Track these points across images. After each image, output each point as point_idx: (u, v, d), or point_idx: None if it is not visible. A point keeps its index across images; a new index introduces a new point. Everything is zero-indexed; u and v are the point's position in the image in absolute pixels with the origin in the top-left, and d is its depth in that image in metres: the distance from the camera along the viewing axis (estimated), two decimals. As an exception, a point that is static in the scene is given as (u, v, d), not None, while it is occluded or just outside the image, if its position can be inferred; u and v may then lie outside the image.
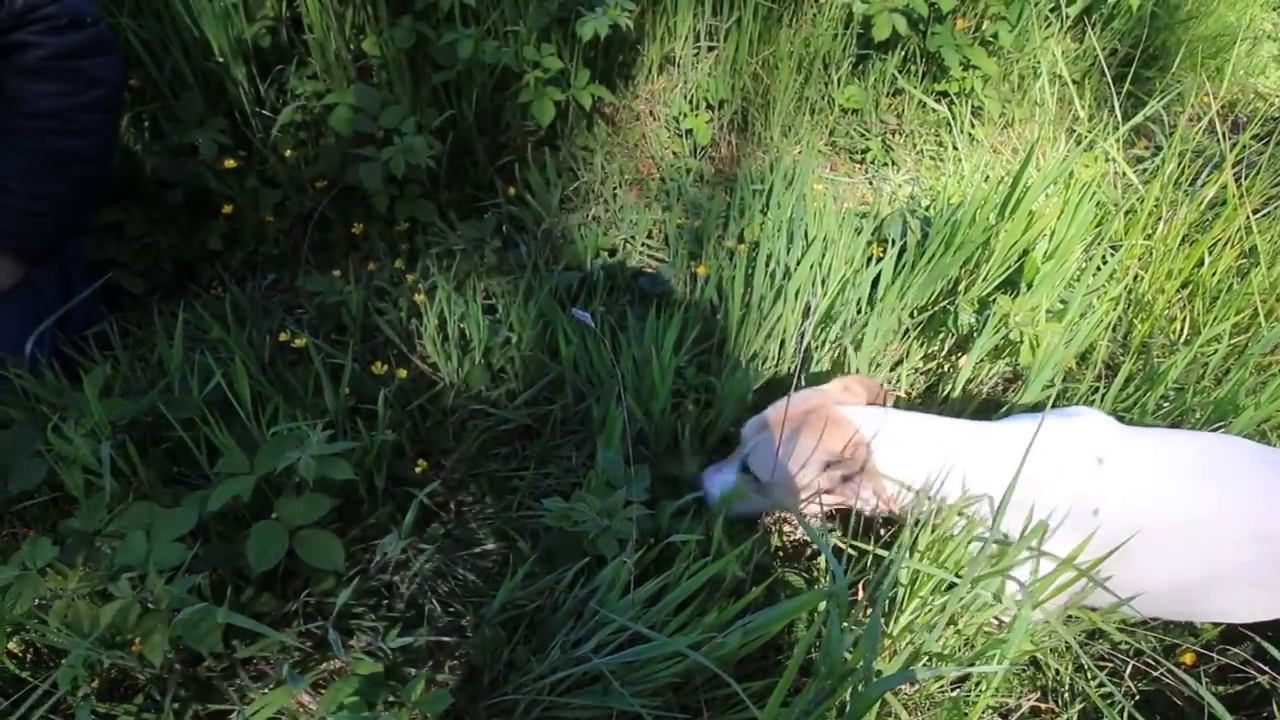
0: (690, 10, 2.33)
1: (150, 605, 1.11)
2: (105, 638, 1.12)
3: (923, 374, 1.92)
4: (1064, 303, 1.88)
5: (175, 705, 1.21)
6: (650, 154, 2.39)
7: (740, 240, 2.06)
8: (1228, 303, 1.99)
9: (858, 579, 1.43)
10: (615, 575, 1.25)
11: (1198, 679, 1.24)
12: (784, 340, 1.82)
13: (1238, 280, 2.08)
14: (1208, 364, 1.89)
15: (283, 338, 1.72)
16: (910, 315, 1.89)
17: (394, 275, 1.95)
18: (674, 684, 1.28)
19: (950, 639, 1.35)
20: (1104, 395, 1.73)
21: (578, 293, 1.95)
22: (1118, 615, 1.38)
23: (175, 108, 1.96)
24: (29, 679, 1.17)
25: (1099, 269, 2.02)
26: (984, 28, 2.56)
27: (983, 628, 1.36)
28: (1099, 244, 2.16)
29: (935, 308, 1.88)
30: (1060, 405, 1.72)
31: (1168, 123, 2.77)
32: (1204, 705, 1.13)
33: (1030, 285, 1.88)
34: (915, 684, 1.41)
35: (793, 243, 1.88)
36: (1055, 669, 1.48)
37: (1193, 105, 2.71)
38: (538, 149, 2.22)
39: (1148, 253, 2.16)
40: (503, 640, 1.33)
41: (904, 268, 1.84)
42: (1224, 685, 1.47)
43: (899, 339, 1.92)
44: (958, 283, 1.94)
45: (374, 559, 1.46)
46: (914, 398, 1.89)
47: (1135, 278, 2.13)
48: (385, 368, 1.69)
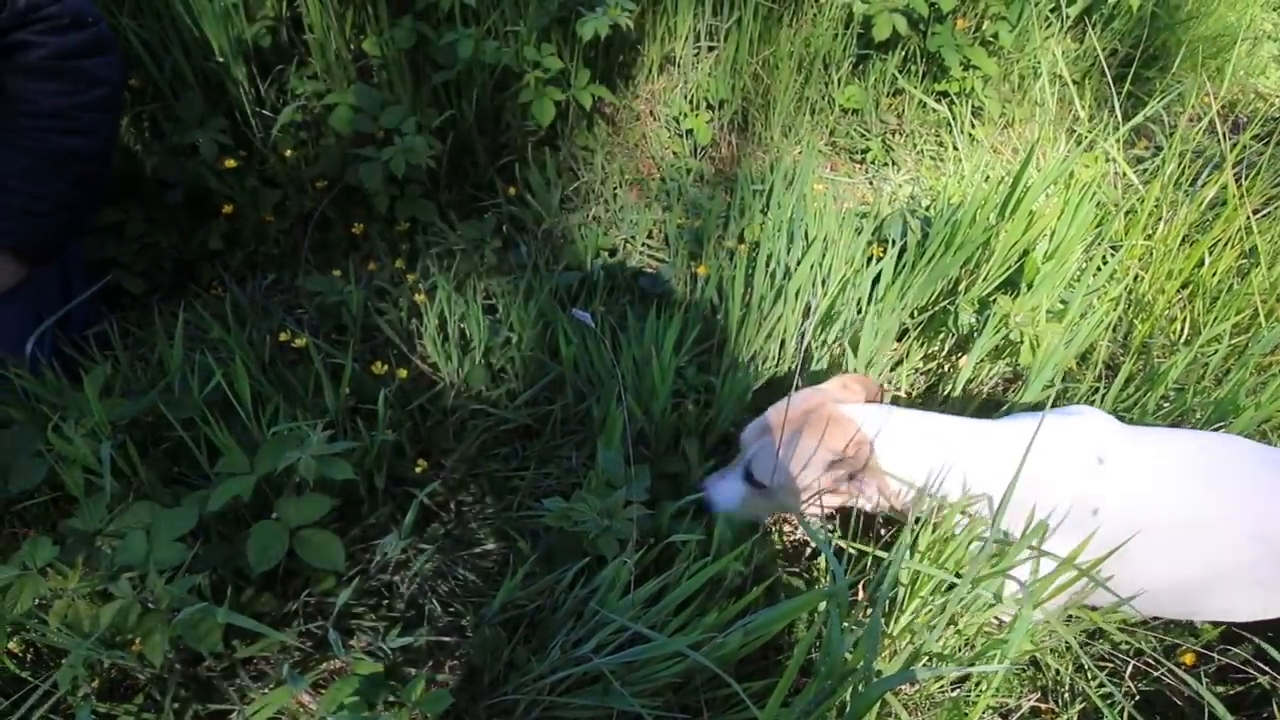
0: (690, 10, 2.33)
1: (150, 605, 1.11)
2: (105, 638, 1.12)
3: (923, 374, 1.92)
4: (1064, 303, 1.88)
5: (175, 705, 1.21)
6: (650, 154, 2.39)
7: (740, 240, 2.06)
8: (1228, 303, 1.99)
9: (858, 579, 1.43)
10: (615, 575, 1.25)
11: (1198, 679, 1.24)
12: (784, 340, 1.82)
13: (1238, 280, 2.08)
14: (1208, 364, 1.89)
15: (283, 338, 1.72)
16: (910, 315, 1.89)
17: (394, 275, 1.95)
18: (674, 684, 1.28)
19: (950, 639, 1.35)
20: (1104, 395, 1.73)
21: (578, 293, 1.95)
22: (1118, 615, 1.38)
23: (175, 108, 1.96)
24: (29, 679, 1.17)
25: (1099, 269, 2.02)
26: (984, 28, 2.56)
27: (983, 628, 1.36)
28: (1099, 244, 2.16)
29: (935, 308, 1.88)
30: (1060, 405, 1.72)
31: (1168, 123, 2.77)
32: (1204, 705, 1.13)
33: (1030, 285, 1.88)
34: (915, 684, 1.42)
35: (793, 243, 1.88)
36: (1055, 669, 1.48)
37: (1193, 105, 2.71)
38: (538, 149, 2.22)
39: (1148, 253, 2.16)
40: (503, 640, 1.33)
41: (904, 268, 1.84)
42: (1224, 686, 1.47)
43: (899, 339, 1.92)
44: (958, 283, 1.94)
45: (374, 559, 1.46)
46: (914, 398, 1.89)
47: (1135, 278, 2.13)
48: (385, 368, 1.69)
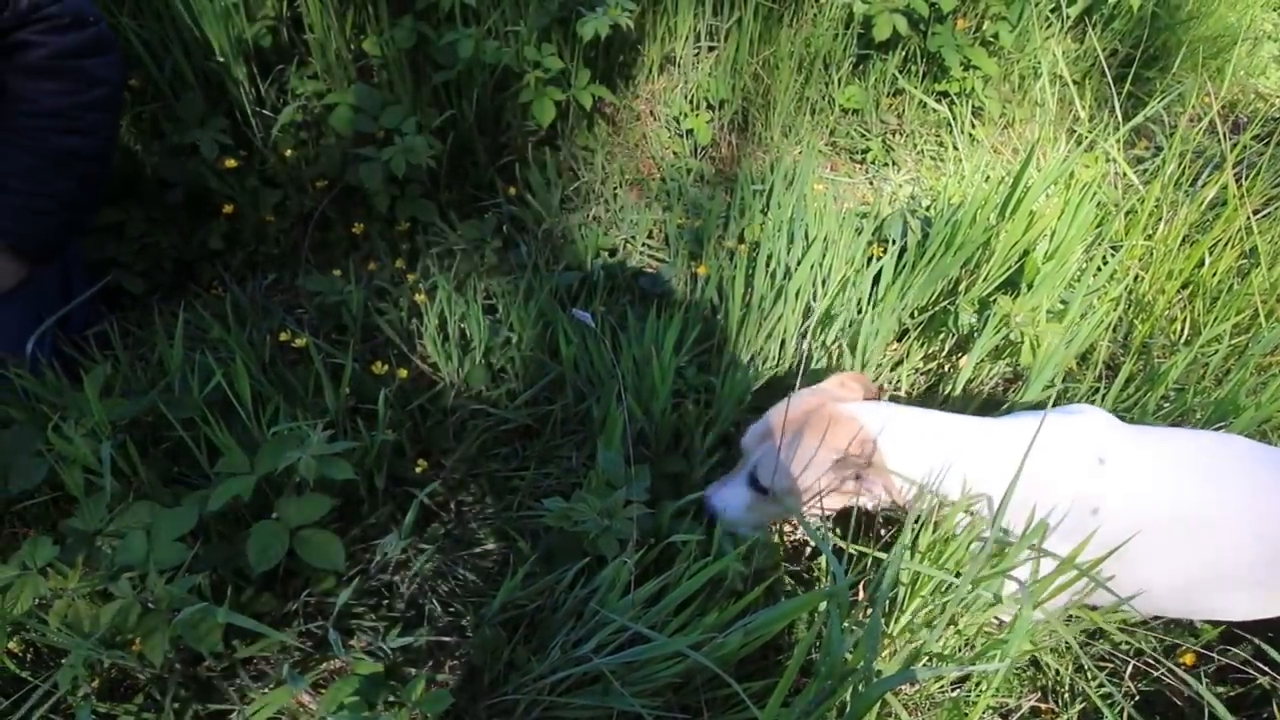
0: (691, 10, 2.33)
1: (150, 605, 1.11)
2: (105, 637, 1.12)
3: (923, 374, 1.92)
4: (1064, 303, 1.88)
5: (175, 705, 1.21)
6: (651, 154, 2.39)
7: (740, 240, 2.06)
8: (1228, 303, 1.99)
9: (858, 579, 1.42)
10: (616, 575, 1.25)
11: (1198, 679, 1.23)
12: (784, 340, 1.82)
13: (1238, 281, 2.08)
14: (1208, 364, 1.89)
15: (283, 337, 1.72)
16: (911, 315, 1.89)
17: (394, 275, 1.95)
18: (674, 684, 1.28)
19: (950, 639, 1.35)
20: (1104, 396, 1.73)
21: (578, 293, 1.95)
22: (1118, 615, 1.38)
23: (176, 107, 1.96)
24: (29, 679, 1.17)
25: (1099, 269, 2.02)
26: (984, 28, 2.56)
27: (983, 628, 1.36)
28: (1099, 244, 2.16)
29: (936, 308, 1.88)
30: (1061, 405, 1.72)
31: (1168, 123, 2.77)
32: (1204, 706, 1.13)
33: (1031, 285, 1.88)
34: (915, 684, 1.41)
35: (793, 243, 1.88)
36: (1055, 669, 1.48)
37: (1193, 106, 2.71)
38: (538, 149, 2.22)
39: (1148, 253, 2.16)
40: (503, 640, 1.33)
41: (904, 268, 1.84)
42: (1224, 686, 1.47)
43: (899, 339, 1.92)
44: (958, 283, 1.94)
45: (374, 559, 1.46)
46: (914, 398, 1.89)
47: (1136, 278, 2.13)
48: (385, 368, 1.69)
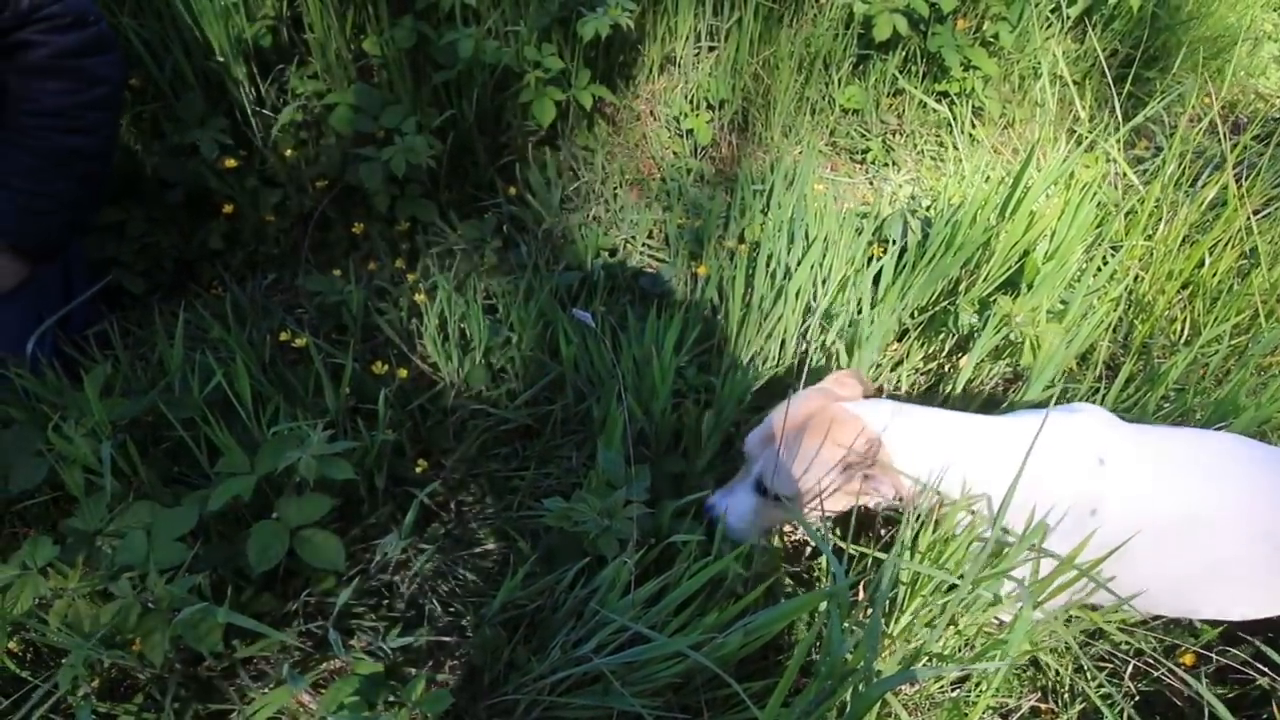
0: (691, 10, 2.33)
1: (150, 605, 1.12)
2: (105, 637, 1.12)
3: (923, 374, 1.92)
4: (1064, 303, 1.88)
5: (175, 705, 1.21)
6: (651, 154, 2.39)
7: (741, 240, 2.06)
8: (1228, 303, 1.99)
9: (858, 579, 1.42)
10: (616, 575, 1.25)
11: (1198, 679, 1.24)
12: (784, 340, 1.82)
13: (1238, 281, 2.08)
14: (1208, 365, 1.89)
15: (283, 337, 1.72)
16: (911, 315, 1.89)
17: (394, 275, 1.95)
18: (674, 684, 1.28)
19: (950, 639, 1.35)
20: (1105, 396, 1.73)
21: (578, 293, 1.95)
22: (1118, 615, 1.38)
23: (176, 107, 1.96)
24: (29, 679, 1.17)
25: (1099, 270, 2.02)
26: (985, 28, 2.56)
27: (983, 628, 1.36)
28: (1099, 245, 2.16)
29: (936, 308, 1.88)
30: (1061, 404, 1.72)
31: (1168, 123, 2.77)
32: (1203, 706, 1.13)
33: (1031, 286, 1.88)
34: (915, 684, 1.41)
35: (793, 243, 1.88)
36: (1055, 669, 1.48)
37: (1193, 106, 2.71)
38: (538, 149, 2.22)
39: (1148, 253, 2.16)
40: (503, 640, 1.33)
41: (904, 268, 1.84)
42: (1224, 687, 1.47)
43: (900, 339, 1.92)
44: (958, 283, 1.94)
45: (374, 559, 1.46)
46: (914, 398, 1.89)
47: (1136, 278, 2.13)
48: (386, 367, 1.69)
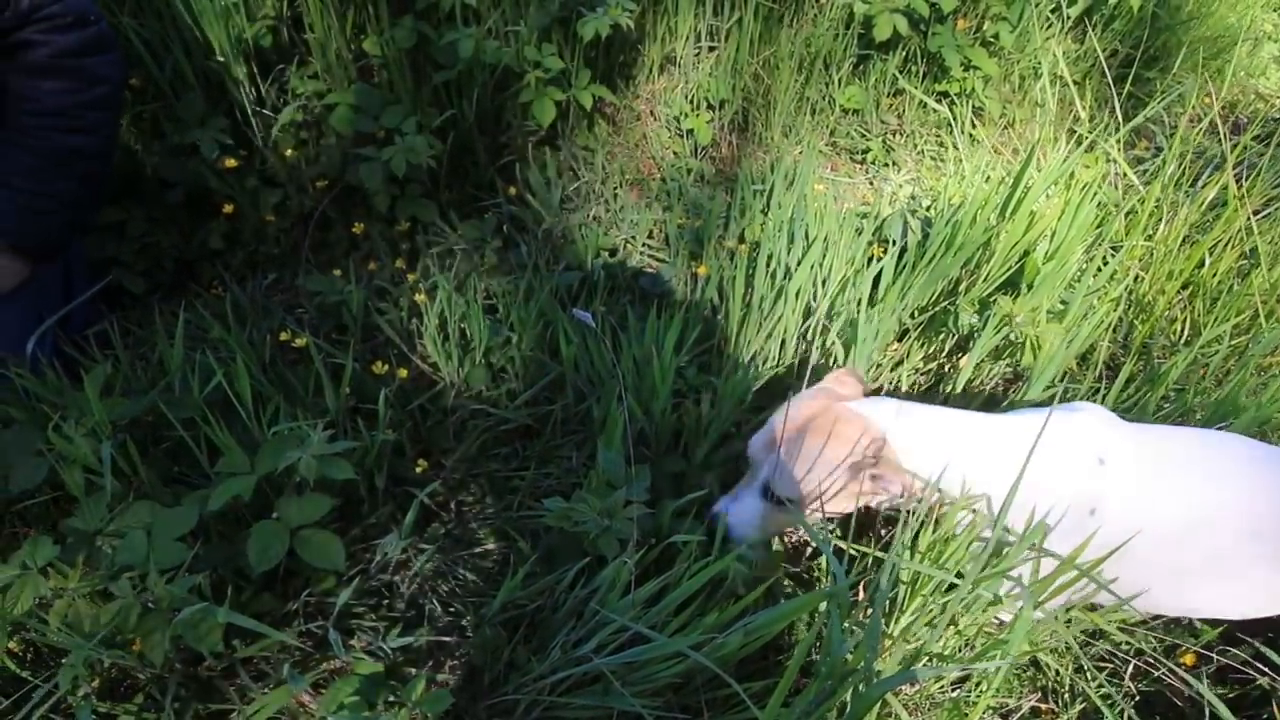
0: (691, 10, 2.33)
1: (151, 605, 1.11)
2: (106, 637, 1.12)
3: (923, 374, 1.92)
4: (1065, 303, 1.88)
5: (175, 705, 1.21)
6: (651, 154, 2.39)
7: (741, 240, 2.06)
8: (1228, 304, 1.99)
9: (858, 579, 1.42)
10: (616, 575, 1.25)
11: (1198, 679, 1.24)
12: (784, 340, 1.82)
13: (1238, 281, 2.08)
14: (1208, 365, 1.89)
15: (283, 337, 1.72)
16: (911, 315, 1.89)
17: (394, 275, 1.95)
18: (674, 684, 1.28)
19: (950, 639, 1.35)
20: (1105, 396, 1.73)
21: (578, 293, 1.95)
22: (1118, 615, 1.38)
23: (176, 107, 1.96)
24: (29, 679, 1.17)
25: (1100, 270, 2.02)
26: (985, 28, 2.56)
27: (983, 628, 1.36)
28: (1100, 245, 2.15)
29: (936, 308, 1.88)
30: (1062, 404, 1.72)
31: (1168, 124, 2.77)
32: (1204, 706, 1.13)
33: (1031, 286, 1.88)
34: (915, 684, 1.41)
35: (793, 243, 1.88)
36: (1055, 669, 1.48)
37: (1194, 106, 2.71)
38: (538, 149, 2.22)
39: (1148, 254, 2.16)
40: (503, 640, 1.33)
41: (905, 268, 1.84)
42: (1224, 687, 1.47)
43: (899, 339, 1.92)
44: (958, 283, 1.94)
45: (374, 559, 1.46)
46: (915, 398, 1.89)
47: (1136, 279, 2.13)
48: (386, 367, 1.69)
